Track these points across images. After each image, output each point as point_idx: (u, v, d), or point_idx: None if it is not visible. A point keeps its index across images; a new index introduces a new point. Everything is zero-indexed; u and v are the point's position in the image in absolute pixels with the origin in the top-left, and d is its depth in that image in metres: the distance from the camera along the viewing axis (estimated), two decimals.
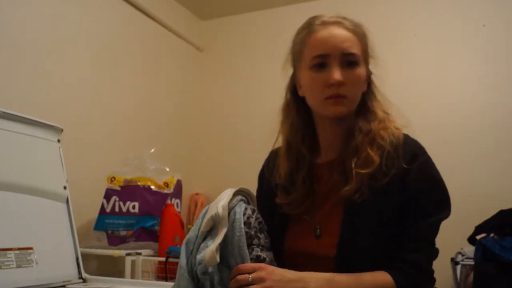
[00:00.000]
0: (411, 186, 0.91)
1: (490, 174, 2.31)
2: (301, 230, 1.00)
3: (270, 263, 0.93)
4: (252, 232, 0.94)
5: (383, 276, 0.89)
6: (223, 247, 0.91)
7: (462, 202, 2.28)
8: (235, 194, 0.97)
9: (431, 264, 0.94)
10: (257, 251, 0.92)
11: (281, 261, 0.98)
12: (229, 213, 0.93)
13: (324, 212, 0.98)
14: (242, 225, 0.92)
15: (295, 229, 1.01)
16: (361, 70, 0.97)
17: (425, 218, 0.92)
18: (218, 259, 0.87)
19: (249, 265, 0.89)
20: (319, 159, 1.04)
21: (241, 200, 0.97)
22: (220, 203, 0.93)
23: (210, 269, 0.89)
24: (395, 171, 0.91)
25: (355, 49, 0.97)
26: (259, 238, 0.95)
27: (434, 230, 0.94)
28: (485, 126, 2.36)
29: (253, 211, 0.96)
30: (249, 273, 0.87)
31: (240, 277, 0.88)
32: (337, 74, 0.93)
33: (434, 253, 0.95)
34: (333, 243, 0.93)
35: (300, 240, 0.99)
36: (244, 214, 0.94)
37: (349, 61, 0.95)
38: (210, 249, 0.87)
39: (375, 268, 0.90)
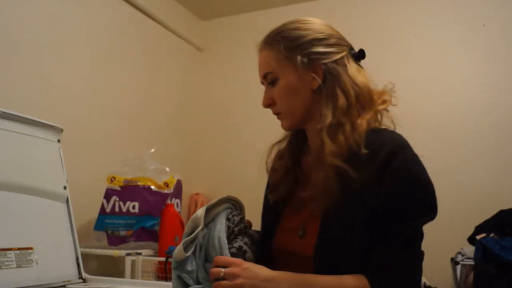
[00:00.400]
0: (389, 188, 0.86)
1: (490, 174, 2.31)
2: (289, 229, 0.99)
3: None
4: (236, 229, 0.95)
5: (359, 281, 0.86)
6: (207, 244, 0.92)
7: (462, 202, 2.29)
8: (223, 202, 0.99)
9: (412, 269, 0.88)
10: (240, 243, 0.93)
11: (269, 260, 0.98)
12: (214, 218, 0.95)
13: (308, 213, 0.97)
14: (224, 220, 0.94)
15: (284, 227, 1.01)
16: (282, 82, 0.97)
17: (405, 221, 0.86)
18: (186, 253, 0.88)
19: (225, 258, 0.89)
20: (309, 158, 1.05)
21: (228, 208, 0.99)
22: (203, 207, 0.94)
23: (190, 267, 0.89)
24: (365, 176, 0.86)
25: (268, 67, 0.99)
26: (243, 236, 0.95)
27: (416, 234, 0.89)
28: (485, 126, 2.36)
29: (238, 215, 0.98)
30: (223, 267, 0.86)
31: (213, 270, 0.87)
32: (263, 100, 1.01)
33: (416, 257, 0.89)
34: (313, 243, 0.91)
35: (285, 238, 0.99)
36: (227, 217, 0.96)
37: (269, 81, 1.00)
38: (180, 244, 0.89)
39: (354, 272, 0.87)
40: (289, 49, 0.96)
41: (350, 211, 0.87)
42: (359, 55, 1.02)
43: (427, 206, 0.89)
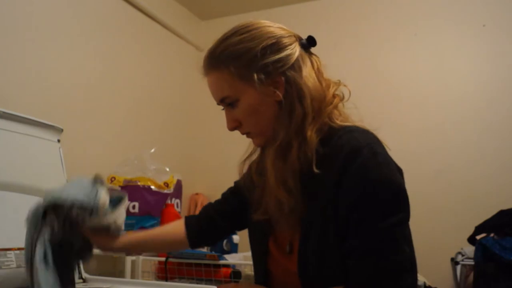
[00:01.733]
0: (349, 195, 0.81)
1: (490, 174, 2.31)
2: (279, 245, 0.96)
3: None
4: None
5: None
6: None
7: (462, 202, 2.29)
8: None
9: (389, 277, 0.79)
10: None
11: (268, 277, 0.97)
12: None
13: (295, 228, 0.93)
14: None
15: (275, 244, 0.97)
16: (243, 103, 0.88)
17: (371, 226, 0.79)
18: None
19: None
20: None
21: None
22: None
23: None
24: (330, 184, 0.82)
25: (222, 91, 0.90)
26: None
27: (391, 237, 0.79)
28: (485, 126, 2.36)
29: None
30: None
31: None
32: (227, 124, 0.95)
33: (395, 264, 0.78)
34: (297, 259, 0.88)
35: (277, 255, 0.95)
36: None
37: (228, 104, 0.91)
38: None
39: (340, 282, 0.82)
40: (240, 68, 0.86)
41: (320, 227, 0.84)
42: (310, 44, 0.93)
43: (392, 206, 0.80)
